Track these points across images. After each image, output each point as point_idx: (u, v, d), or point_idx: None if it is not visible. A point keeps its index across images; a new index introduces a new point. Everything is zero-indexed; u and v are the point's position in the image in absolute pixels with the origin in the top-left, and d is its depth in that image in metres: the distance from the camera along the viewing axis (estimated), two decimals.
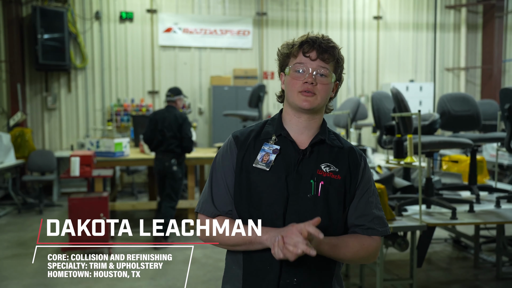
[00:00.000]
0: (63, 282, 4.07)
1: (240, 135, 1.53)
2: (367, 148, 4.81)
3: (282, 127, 1.52)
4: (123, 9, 8.83)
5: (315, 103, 1.46)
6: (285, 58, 1.52)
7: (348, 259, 1.48)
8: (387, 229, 1.53)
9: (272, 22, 9.44)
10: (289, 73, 1.49)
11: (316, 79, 1.46)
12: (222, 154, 1.54)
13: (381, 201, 3.08)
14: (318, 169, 1.47)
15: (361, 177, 1.51)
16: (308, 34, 1.52)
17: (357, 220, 1.50)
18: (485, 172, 4.75)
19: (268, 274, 1.44)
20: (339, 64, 1.53)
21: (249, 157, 1.49)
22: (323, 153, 1.50)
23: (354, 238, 1.49)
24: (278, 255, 1.33)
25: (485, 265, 4.63)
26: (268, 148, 1.48)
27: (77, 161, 4.85)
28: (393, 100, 3.37)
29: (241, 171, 1.48)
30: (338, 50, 1.53)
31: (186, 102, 9.01)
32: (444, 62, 10.29)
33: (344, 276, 4.28)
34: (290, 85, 1.49)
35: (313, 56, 1.48)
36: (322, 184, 1.45)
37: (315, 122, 1.51)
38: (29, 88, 8.55)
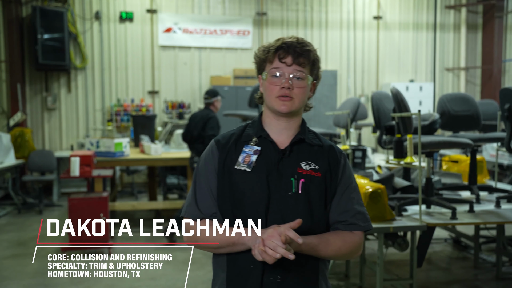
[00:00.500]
0: (63, 282, 4.07)
1: (221, 139, 1.57)
2: (367, 148, 4.80)
3: (262, 129, 1.56)
4: (123, 9, 8.83)
5: (293, 107, 1.50)
6: (262, 62, 1.56)
7: (330, 256, 1.51)
8: (369, 224, 1.56)
9: (272, 22, 9.44)
10: (266, 78, 1.53)
11: (293, 83, 1.49)
12: (205, 158, 1.57)
13: (381, 201, 3.08)
14: (298, 167, 1.50)
15: (341, 174, 1.55)
16: (283, 39, 1.55)
17: (339, 216, 1.53)
18: (485, 172, 4.75)
19: (251, 272, 1.46)
20: (315, 66, 1.55)
21: (230, 159, 1.52)
22: (303, 152, 1.53)
23: (335, 235, 1.51)
24: (257, 257, 1.36)
25: (485, 265, 4.63)
26: (249, 150, 1.52)
27: (77, 161, 4.85)
28: (393, 100, 3.37)
29: (224, 173, 1.51)
30: (313, 52, 1.54)
31: (186, 102, 9.02)
32: (444, 62, 10.29)
33: (344, 276, 4.28)
34: (268, 90, 1.53)
35: (289, 61, 1.51)
36: (302, 182, 1.48)
37: (294, 123, 1.55)
38: (29, 88, 8.55)
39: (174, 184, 7.86)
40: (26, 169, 7.86)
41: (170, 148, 6.59)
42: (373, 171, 4.00)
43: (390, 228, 3.05)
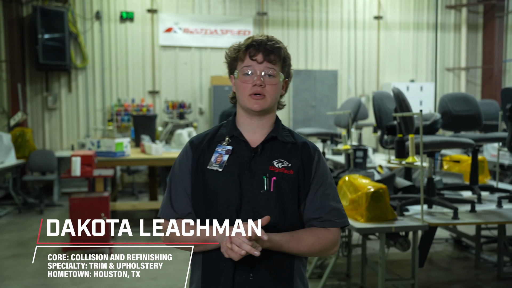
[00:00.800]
0: (63, 282, 4.06)
1: (195, 140, 1.59)
2: (368, 148, 4.79)
3: (235, 128, 1.57)
4: (123, 9, 8.83)
5: (265, 105, 1.51)
6: (233, 61, 1.57)
7: (303, 253, 1.50)
8: (345, 220, 1.56)
9: (273, 22, 9.44)
10: (238, 77, 1.54)
11: (264, 80, 1.50)
12: (179, 159, 1.59)
13: (383, 201, 3.08)
14: (271, 165, 1.50)
15: (315, 170, 1.54)
16: (253, 37, 1.55)
17: (314, 213, 1.53)
18: (486, 172, 4.74)
19: (223, 270, 1.47)
20: (286, 63, 1.56)
21: (203, 159, 1.53)
22: (276, 150, 1.54)
23: (309, 232, 1.51)
24: (225, 254, 1.37)
25: (486, 265, 4.62)
26: (221, 150, 1.53)
27: (78, 161, 4.85)
28: (395, 100, 3.37)
29: (197, 173, 1.52)
30: (283, 49, 1.55)
31: (187, 102, 9.02)
32: (444, 62, 10.28)
33: (345, 276, 4.27)
34: (240, 89, 1.53)
35: (260, 58, 1.51)
36: (274, 180, 1.48)
37: (267, 121, 1.56)
38: (29, 88, 8.55)
39: None
40: (26, 169, 7.86)
41: (171, 148, 6.58)
42: (374, 171, 3.99)
43: (392, 228, 3.04)
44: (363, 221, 3.08)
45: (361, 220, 3.09)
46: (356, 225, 3.05)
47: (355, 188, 3.19)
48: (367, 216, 3.07)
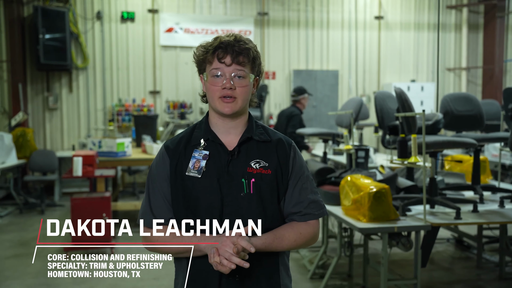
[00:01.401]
0: (65, 282, 4.06)
1: (170, 144, 1.56)
2: (369, 148, 4.79)
3: (210, 130, 1.55)
4: (124, 9, 8.82)
5: (236, 107, 1.49)
6: (202, 62, 1.55)
7: (287, 249, 1.53)
8: (324, 210, 1.58)
9: (274, 22, 9.43)
10: (207, 79, 1.52)
11: (234, 82, 1.47)
12: (156, 164, 1.56)
13: (386, 201, 3.07)
14: (248, 167, 1.50)
15: (292, 166, 1.54)
16: (220, 38, 1.50)
17: (293, 208, 1.53)
18: (488, 172, 4.74)
19: (210, 274, 1.47)
20: (256, 63, 1.53)
21: (181, 165, 1.51)
22: (252, 150, 1.53)
23: (290, 229, 1.52)
24: (214, 268, 1.38)
25: (488, 265, 4.61)
26: (198, 155, 1.51)
27: (79, 161, 4.84)
28: (397, 100, 3.36)
29: (176, 179, 1.51)
30: (252, 49, 1.51)
31: (188, 102, 9.01)
32: (445, 62, 10.27)
33: (347, 276, 4.26)
34: (210, 91, 1.52)
35: (228, 61, 1.48)
36: (253, 182, 1.48)
37: (241, 121, 1.55)
38: (30, 88, 8.55)
39: None
40: (27, 169, 7.85)
41: None
42: (376, 171, 3.98)
43: (394, 228, 3.04)
44: (366, 221, 3.07)
45: (364, 220, 3.08)
46: (358, 225, 3.05)
47: (358, 188, 3.18)
48: (370, 216, 3.06)
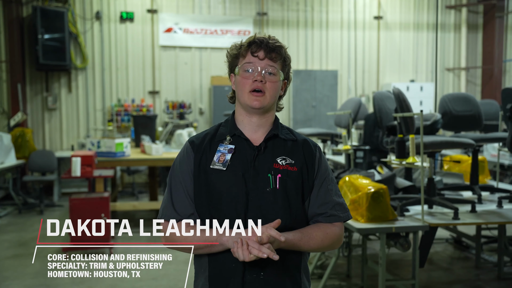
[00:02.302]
0: (64, 282, 4.06)
1: (195, 140, 1.57)
2: (368, 148, 4.79)
3: (236, 127, 1.56)
4: (123, 9, 8.82)
5: (265, 102, 1.51)
6: (234, 59, 1.57)
7: (313, 249, 1.53)
8: (348, 214, 1.58)
9: (273, 22, 9.44)
10: (238, 73, 1.54)
11: (265, 77, 1.50)
12: (180, 160, 1.57)
13: (383, 201, 3.08)
14: (275, 162, 1.51)
15: (317, 167, 1.55)
16: (255, 35, 1.56)
17: (319, 209, 1.54)
18: (486, 172, 4.74)
19: (233, 271, 1.46)
20: (286, 63, 1.57)
21: (206, 159, 1.52)
22: (278, 147, 1.54)
23: (317, 228, 1.52)
24: (240, 257, 1.35)
25: (487, 265, 4.61)
26: (223, 149, 1.52)
27: (78, 161, 4.84)
28: (395, 100, 3.36)
29: (199, 174, 1.51)
30: (284, 49, 1.56)
31: (187, 102, 9.01)
32: (444, 62, 10.28)
33: (345, 276, 4.27)
34: (240, 85, 1.53)
35: (261, 55, 1.52)
36: (279, 177, 1.49)
37: (267, 120, 1.56)
38: (29, 88, 8.55)
39: None
40: (26, 169, 7.86)
41: (171, 148, 6.58)
42: (374, 171, 3.98)
43: (392, 228, 3.04)
44: (364, 221, 3.08)
45: (362, 220, 3.09)
46: (356, 225, 3.05)
47: (356, 188, 3.18)
48: (368, 216, 3.07)
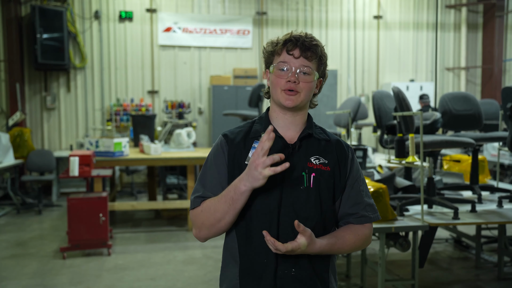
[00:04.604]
0: (62, 282, 4.02)
1: (230, 134, 1.58)
2: (367, 147, 4.78)
3: (270, 124, 1.56)
4: (122, 8, 8.81)
5: (297, 101, 1.51)
6: (270, 56, 1.57)
7: (346, 252, 1.56)
8: (378, 214, 1.61)
9: (272, 22, 9.42)
10: (273, 71, 1.54)
11: (299, 77, 1.50)
12: (214, 153, 1.57)
13: (383, 201, 3.06)
14: (308, 161, 1.51)
15: (350, 167, 1.57)
16: (291, 33, 1.55)
17: (350, 209, 1.56)
18: (486, 171, 4.73)
19: (265, 266, 1.47)
20: (322, 62, 1.56)
21: (240, 155, 1.52)
22: (312, 146, 1.55)
23: (349, 231, 1.54)
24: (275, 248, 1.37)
25: (487, 265, 4.60)
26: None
27: (76, 161, 4.82)
28: (395, 99, 3.35)
29: (234, 168, 1.51)
30: (321, 47, 1.55)
31: (186, 102, 9.00)
32: (444, 61, 10.27)
33: (345, 276, 4.25)
34: (274, 83, 1.53)
35: (296, 54, 1.51)
36: (313, 176, 1.50)
37: (300, 118, 1.57)
38: (28, 88, 8.53)
39: (173, 184, 7.83)
40: (25, 169, 7.84)
41: (170, 148, 6.56)
42: (374, 171, 3.97)
43: (392, 228, 3.02)
44: None
45: None
46: None
47: None
48: None
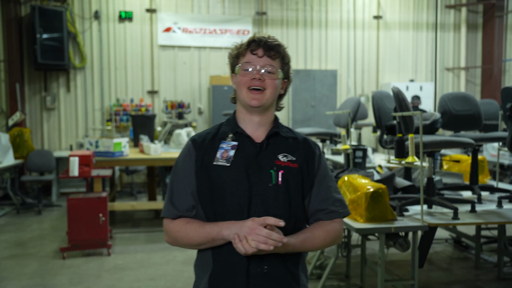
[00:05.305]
0: (62, 282, 4.02)
1: (197, 138, 1.60)
2: (367, 148, 4.77)
3: (237, 125, 1.59)
4: (122, 8, 8.81)
5: (263, 100, 1.54)
6: (235, 59, 1.61)
7: (317, 248, 1.58)
8: (347, 209, 1.63)
9: (272, 22, 9.42)
10: (238, 71, 1.57)
11: (263, 76, 1.53)
12: (182, 158, 1.60)
13: (383, 201, 3.06)
14: (276, 159, 1.54)
15: (318, 164, 1.60)
16: (255, 34, 1.60)
17: (319, 205, 1.58)
18: (486, 172, 4.72)
19: (237, 265, 1.48)
20: (285, 61, 1.60)
21: (208, 157, 1.54)
22: (279, 144, 1.58)
23: (319, 228, 1.57)
24: (243, 250, 1.36)
25: (486, 266, 4.60)
26: (226, 145, 1.55)
27: (76, 161, 4.82)
28: (394, 99, 3.35)
29: (202, 171, 1.53)
30: (283, 48, 1.60)
31: (186, 102, 9.00)
32: (444, 61, 10.27)
33: (344, 276, 4.25)
34: (240, 84, 1.57)
35: (260, 53, 1.55)
36: (282, 173, 1.52)
37: (267, 118, 1.59)
38: (28, 88, 8.53)
39: None
40: (25, 169, 7.84)
41: (170, 148, 6.56)
42: (374, 171, 3.97)
43: (391, 228, 3.02)
44: (363, 221, 3.06)
45: (361, 220, 3.07)
46: (355, 226, 3.03)
47: (355, 188, 3.17)
48: (367, 216, 3.05)
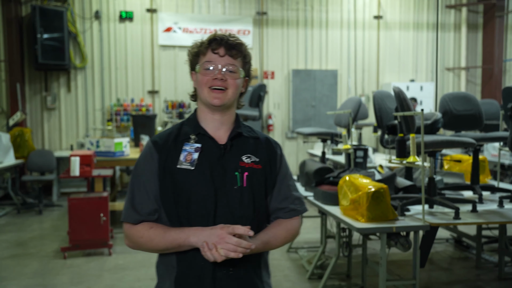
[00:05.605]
0: (63, 282, 4.02)
1: (158, 139, 1.56)
2: (368, 147, 4.77)
3: (199, 125, 1.57)
4: (122, 8, 8.80)
5: (225, 99, 1.52)
6: (195, 57, 1.59)
7: (278, 246, 1.59)
8: (305, 207, 1.66)
9: (272, 22, 9.42)
10: (199, 70, 1.55)
11: (225, 75, 1.52)
12: (143, 160, 1.55)
13: (384, 201, 3.06)
14: (240, 161, 1.53)
15: (279, 164, 1.62)
16: (215, 33, 1.59)
17: (280, 204, 1.60)
18: (487, 171, 4.72)
19: (203, 268, 1.47)
20: (246, 60, 1.59)
21: (171, 159, 1.51)
22: (242, 145, 1.57)
23: (280, 227, 1.59)
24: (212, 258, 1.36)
25: (487, 265, 4.60)
26: (189, 148, 1.52)
27: (77, 161, 4.82)
28: (396, 99, 3.35)
29: (165, 174, 1.50)
30: (245, 46, 1.59)
31: (186, 102, 8.99)
32: (444, 61, 10.26)
33: (345, 276, 4.25)
34: (201, 83, 1.54)
35: (222, 52, 1.54)
36: (246, 175, 1.52)
37: (229, 118, 1.58)
38: (28, 88, 8.53)
39: None
40: (25, 169, 7.83)
41: None
42: (375, 171, 3.96)
43: (393, 228, 3.02)
44: (364, 221, 3.06)
45: (362, 220, 3.07)
46: (356, 225, 3.03)
47: (356, 188, 3.17)
48: (368, 216, 3.05)
